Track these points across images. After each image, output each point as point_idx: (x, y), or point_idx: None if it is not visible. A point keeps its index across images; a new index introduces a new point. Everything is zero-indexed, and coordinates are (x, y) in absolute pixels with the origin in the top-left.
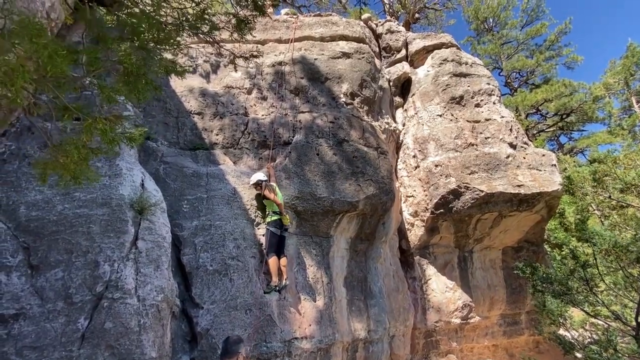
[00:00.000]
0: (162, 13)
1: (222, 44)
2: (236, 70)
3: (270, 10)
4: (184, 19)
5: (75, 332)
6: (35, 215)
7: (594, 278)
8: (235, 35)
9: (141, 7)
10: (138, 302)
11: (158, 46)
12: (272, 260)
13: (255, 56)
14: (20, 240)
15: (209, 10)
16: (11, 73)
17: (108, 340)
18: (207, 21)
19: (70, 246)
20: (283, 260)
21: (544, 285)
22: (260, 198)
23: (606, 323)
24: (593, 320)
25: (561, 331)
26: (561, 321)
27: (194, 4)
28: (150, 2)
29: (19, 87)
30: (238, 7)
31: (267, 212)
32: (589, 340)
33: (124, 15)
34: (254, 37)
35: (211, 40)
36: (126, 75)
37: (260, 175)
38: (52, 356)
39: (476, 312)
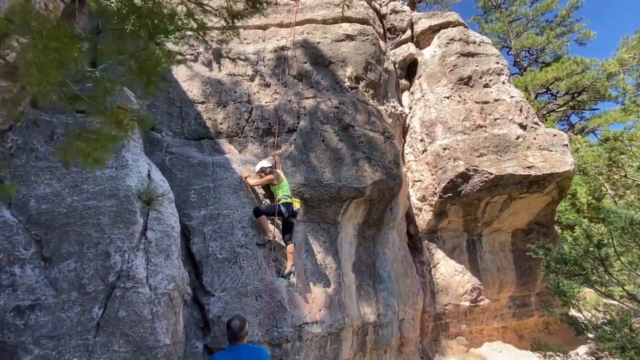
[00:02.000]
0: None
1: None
2: (238, 59)
3: None
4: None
5: (90, 321)
6: (45, 209)
7: (608, 257)
8: (229, 32)
9: None
10: (150, 291)
11: (163, 37)
12: (261, 219)
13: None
14: (32, 233)
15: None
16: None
17: (122, 328)
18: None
19: (81, 238)
20: (290, 247)
21: (558, 266)
22: (267, 186)
23: (621, 303)
24: (606, 300)
25: (573, 312)
26: (574, 302)
27: None
28: None
29: (42, 83)
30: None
31: (277, 199)
32: (602, 320)
33: (127, 6)
34: (254, 22)
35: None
36: (139, 69)
37: (264, 163)
38: (68, 345)
39: (485, 295)
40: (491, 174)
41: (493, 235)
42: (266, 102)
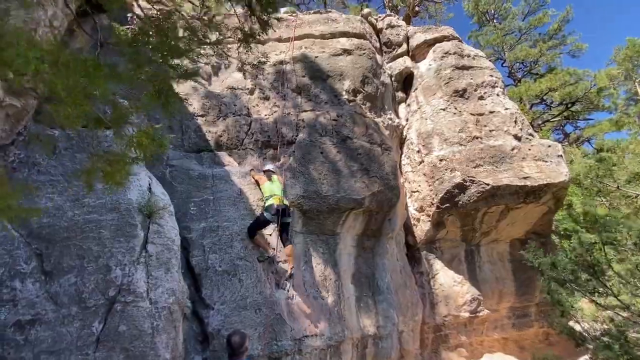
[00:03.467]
0: (173, 22)
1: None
2: (240, 72)
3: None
4: (194, 31)
5: (90, 336)
6: (46, 222)
7: (600, 264)
8: (241, 48)
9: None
10: (150, 304)
11: (171, 57)
12: (256, 240)
13: (263, 62)
14: (33, 247)
15: (216, 19)
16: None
17: (122, 343)
18: (213, 32)
19: (82, 252)
20: (288, 249)
21: (551, 273)
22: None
23: (616, 314)
24: (602, 310)
25: (572, 323)
26: (572, 313)
27: (202, 15)
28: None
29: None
30: (244, 22)
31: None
32: (600, 331)
33: (137, 28)
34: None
35: (218, 48)
36: (157, 92)
37: (269, 166)
38: None
39: (485, 306)
40: (487, 184)
41: (491, 245)
42: (265, 115)
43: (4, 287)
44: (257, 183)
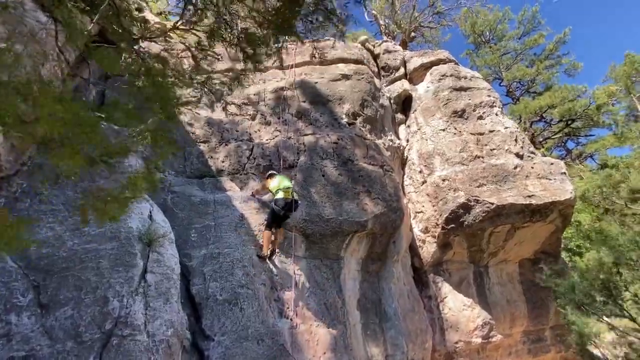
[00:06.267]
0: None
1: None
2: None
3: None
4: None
5: None
6: (45, 253)
7: (618, 287)
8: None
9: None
10: (148, 338)
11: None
12: (265, 234)
13: (252, 102)
14: (30, 279)
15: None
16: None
17: None
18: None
19: (80, 282)
20: (267, 234)
21: (567, 297)
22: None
23: (636, 338)
24: (620, 335)
25: (590, 347)
26: (589, 336)
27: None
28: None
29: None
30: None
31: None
32: (620, 357)
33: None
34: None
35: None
36: (154, 138)
37: (270, 170)
38: None
39: (497, 330)
40: (492, 203)
41: (500, 266)
42: (267, 140)
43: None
44: (264, 189)
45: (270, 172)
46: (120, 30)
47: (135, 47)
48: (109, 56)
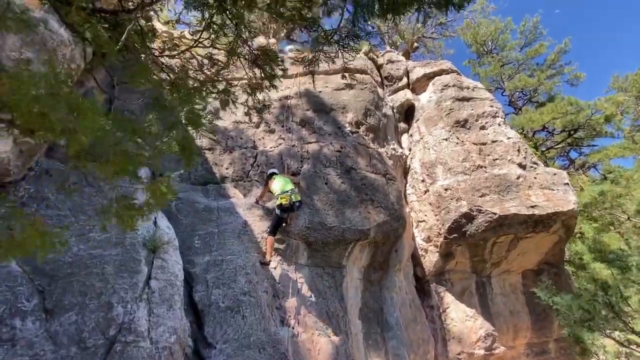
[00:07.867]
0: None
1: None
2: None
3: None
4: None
5: None
6: (51, 258)
7: (618, 302)
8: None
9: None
10: (151, 344)
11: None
12: (269, 239)
13: (267, 106)
14: (35, 284)
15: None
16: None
17: None
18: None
19: (85, 288)
20: (270, 240)
21: (568, 312)
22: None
23: (635, 351)
24: (624, 349)
25: None
26: (593, 351)
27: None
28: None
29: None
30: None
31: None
32: None
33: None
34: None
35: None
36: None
37: (271, 170)
38: None
39: (500, 342)
40: (495, 213)
41: (503, 276)
42: (271, 147)
43: (4, 326)
44: (266, 191)
45: (271, 172)
46: (140, 47)
47: (158, 61)
48: (133, 69)
